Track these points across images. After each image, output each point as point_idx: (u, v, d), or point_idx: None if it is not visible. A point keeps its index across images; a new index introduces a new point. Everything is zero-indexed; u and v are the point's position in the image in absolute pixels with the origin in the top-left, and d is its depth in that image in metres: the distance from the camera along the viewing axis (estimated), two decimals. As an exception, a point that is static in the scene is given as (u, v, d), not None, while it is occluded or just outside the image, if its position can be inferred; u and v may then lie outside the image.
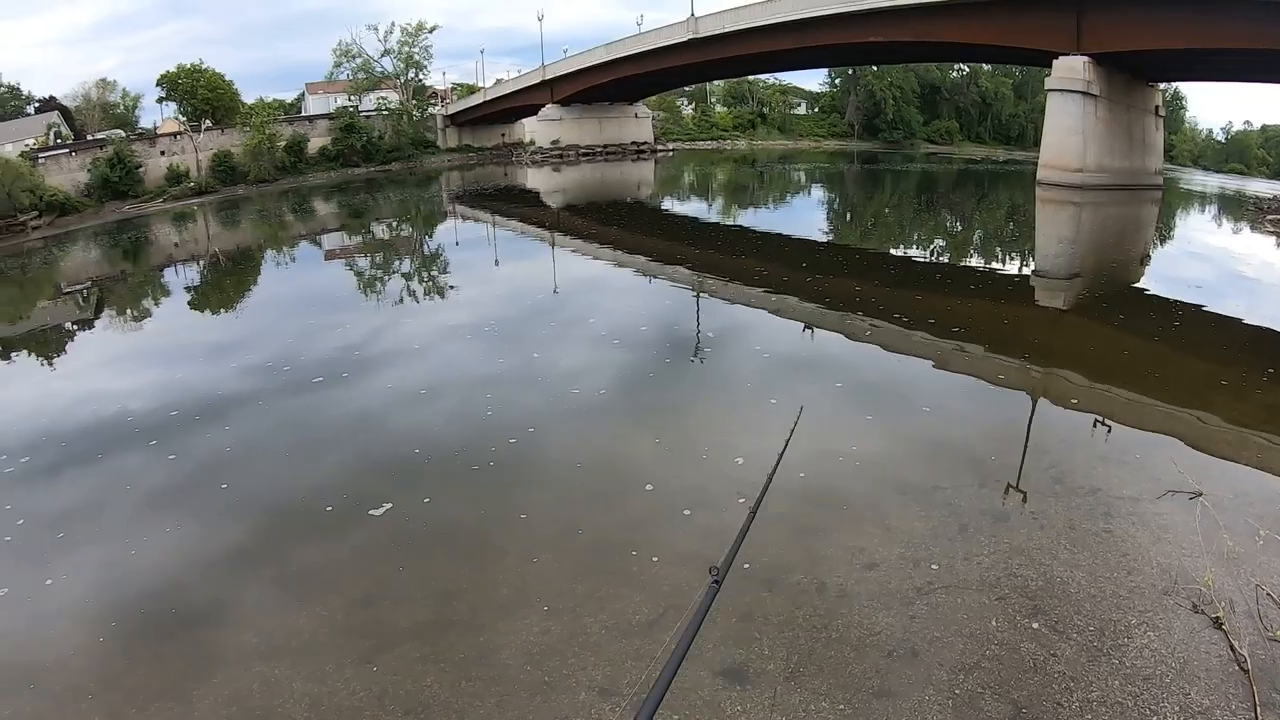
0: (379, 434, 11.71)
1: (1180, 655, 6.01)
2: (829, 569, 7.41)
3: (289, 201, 55.68)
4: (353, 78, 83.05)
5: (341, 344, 16.44)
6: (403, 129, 79.77)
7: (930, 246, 31.15)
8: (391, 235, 38.07)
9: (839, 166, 76.40)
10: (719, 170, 72.63)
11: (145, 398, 13.79)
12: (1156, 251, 29.01)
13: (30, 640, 7.22)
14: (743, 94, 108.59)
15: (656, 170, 70.72)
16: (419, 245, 34.47)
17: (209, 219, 50.62)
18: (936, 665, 6.02)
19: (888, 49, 58.02)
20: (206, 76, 79.12)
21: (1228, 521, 7.88)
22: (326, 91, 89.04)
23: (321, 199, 56.82)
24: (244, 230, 46.38)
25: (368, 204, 53.08)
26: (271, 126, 70.71)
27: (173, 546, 8.77)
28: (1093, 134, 41.20)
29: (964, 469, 9.62)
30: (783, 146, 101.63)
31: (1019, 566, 7.28)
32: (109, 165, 59.02)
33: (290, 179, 68.84)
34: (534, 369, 14.29)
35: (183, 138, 67.65)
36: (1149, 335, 16.15)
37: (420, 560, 8.20)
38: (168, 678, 6.53)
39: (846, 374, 13.71)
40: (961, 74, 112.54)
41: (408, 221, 43.45)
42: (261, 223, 47.82)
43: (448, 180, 67.15)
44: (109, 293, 28.14)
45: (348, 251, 33.87)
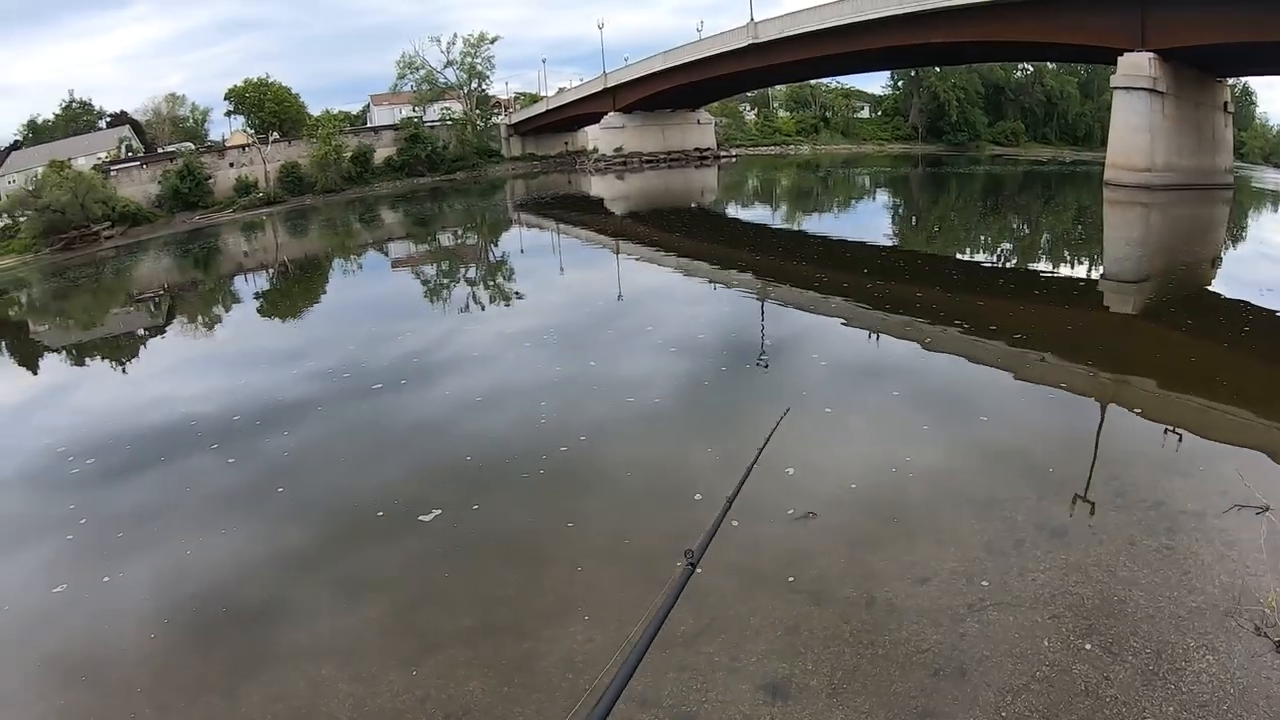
0: (433, 441, 11.83)
1: (1240, 681, 5.78)
2: (879, 583, 7.28)
3: (355, 211, 56.54)
4: (416, 89, 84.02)
5: (403, 351, 16.63)
6: (466, 139, 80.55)
7: (995, 251, 30.74)
8: (456, 243, 38.47)
9: (903, 170, 75.64)
10: (782, 175, 72.33)
11: (209, 403, 14.08)
12: (1228, 253, 28.28)
13: (86, 635, 7.45)
14: (805, 98, 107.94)
15: (719, 176, 70.65)
16: (483, 253, 34.80)
17: (277, 228, 51.56)
18: (984, 686, 5.87)
19: (950, 50, 57.29)
20: (273, 90, 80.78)
21: (1296, 539, 7.58)
22: (391, 103, 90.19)
23: (387, 208, 57.61)
24: (311, 239, 47.13)
25: (433, 213, 53.68)
26: (337, 138, 71.98)
27: (227, 548, 8.96)
28: (1160, 132, 40.28)
29: (1022, 480, 9.42)
30: (846, 150, 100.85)
31: (1075, 584, 7.08)
32: (179, 177, 60.61)
33: (356, 189, 69.91)
34: (591, 377, 14.31)
35: (251, 150, 69.08)
36: (1219, 341, 15.72)
37: (467, 566, 8.24)
38: (216, 674, 6.70)
39: (904, 382, 13.52)
40: (1026, 74, 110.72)
41: (472, 230, 43.87)
42: (328, 232, 48.57)
43: (511, 189, 67.69)
44: (179, 300, 28.78)
45: (413, 260, 34.29)
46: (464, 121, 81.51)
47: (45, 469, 12.01)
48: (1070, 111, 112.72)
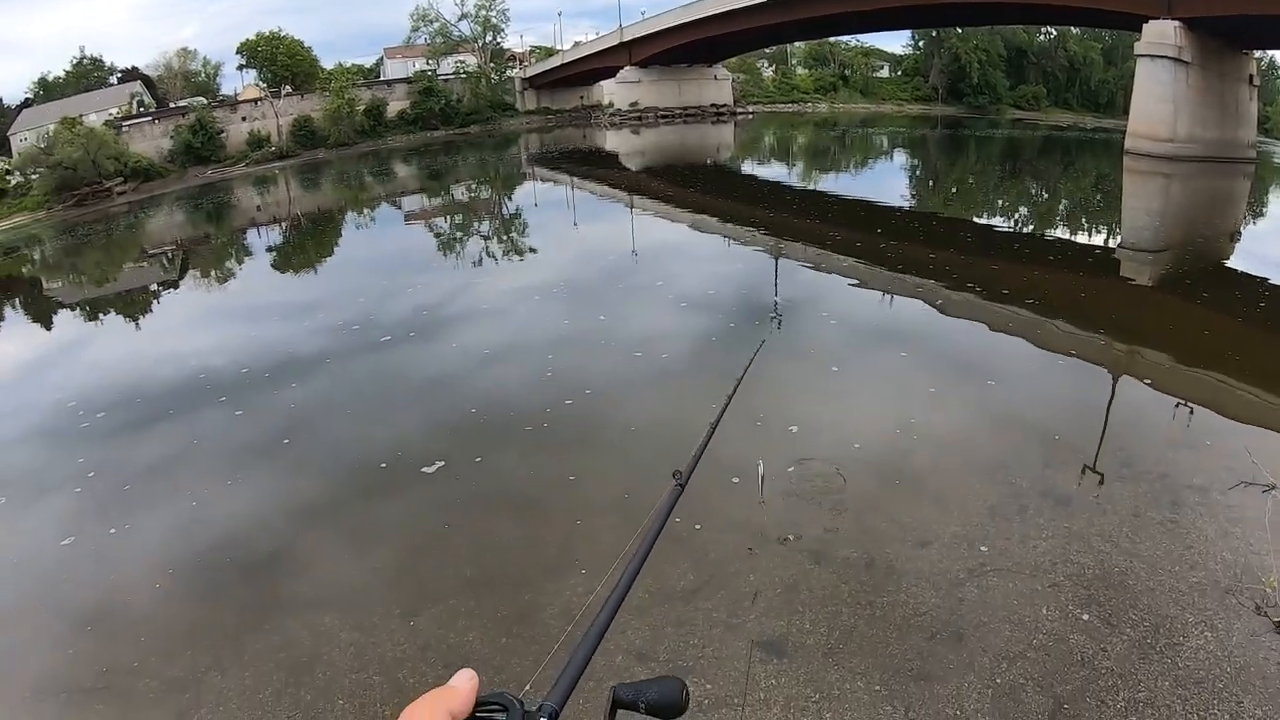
0: (439, 393, 11.84)
1: (1238, 660, 5.74)
2: (879, 544, 7.27)
3: (368, 164, 56.30)
4: (430, 42, 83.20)
5: (413, 305, 16.64)
6: (481, 92, 79.85)
7: (1012, 215, 30.50)
8: (469, 197, 38.28)
9: (921, 131, 74.93)
10: (799, 133, 71.75)
11: (219, 356, 14.13)
12: (1247, 229, 27.99)
13: (93, 586, 7.50)
14: (824, 56, 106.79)
15: (736, 133, 70.11)
16: (496, 207, 34.66)
17: (290, 182, 51.41)
18: (980, 651, 5.86)
19: (972, 9, 56.67)
20: (285, 44, 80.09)
21: (1301, 519, 7.53)
22: (404, 56, 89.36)
23: (400, 162, 57.39)
24: (324, 193, 47.04)
25: (446, 166, 53.45)
26: (350, 91, 71.48)
27: (233, 499, 9.01)
28: (1183, 102, 39.78)
29: (1028, 447, 9.38)
30: (864, 110, 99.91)
31: (1076, 553, 7.05)
32: (191, 132, 60.46)
33: (369, 142, 69.56)
34: (600, 332, 14.28)
35: (263, 104, 68.69)
36: (1234, 315, 15.56)
37: (468, 518, 8.27)
38: (221, 623, 6.76)
39: (914, 343, 13.43)
40: (1049, 37, 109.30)
41: (486, 184, 43.65)
42: (341, 186, 48.45)
43: (526, 143, 67.30)
44: (192, 255, 28.76)
45: (426, 214, 34.18)
46: (478, 75, 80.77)
47: (56, 423, 12.07)
48: (1093, 78, 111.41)
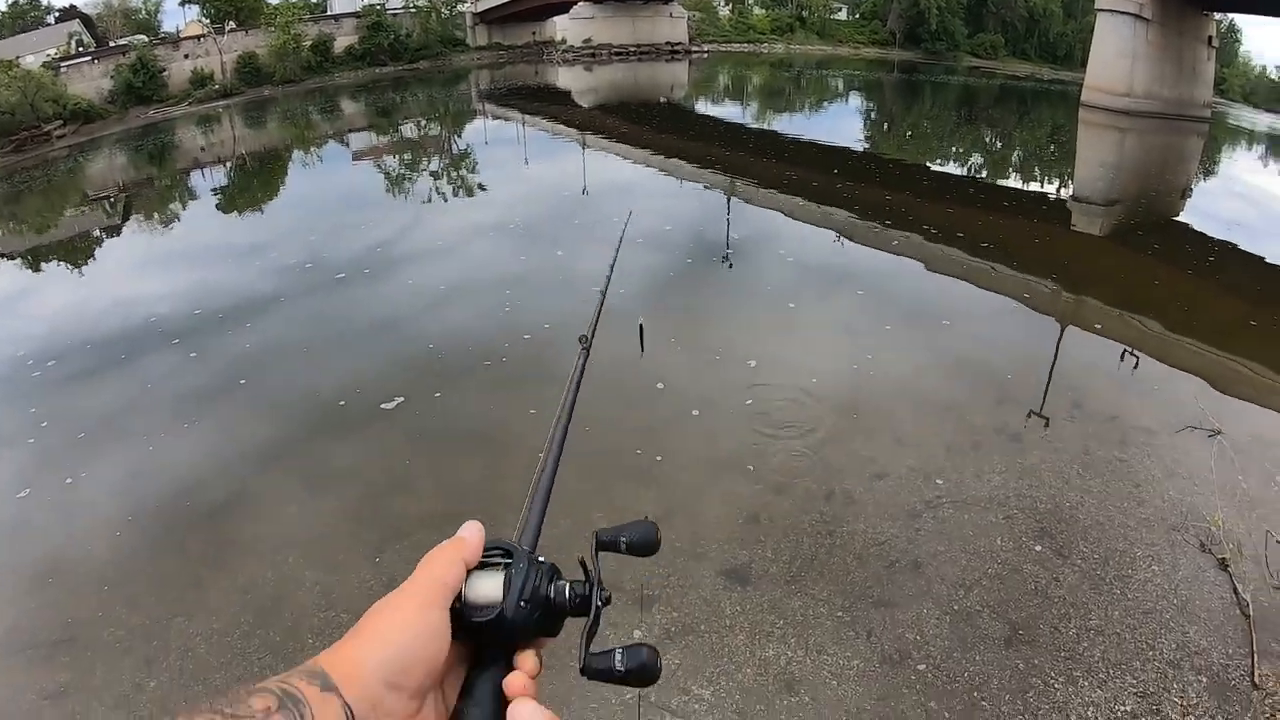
0: (396, 330, 11.70)
1: (1183, 593, 5.97)
2: (838, 477, 7.38)
3: (315, 102, 55.00)
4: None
5: (365, 243, 16.34)
6: (431, 27, 78.02)
7: (967, 162, 30.64)
8: (419, 135, 37.56)
9: (877, 75, 74.71)
10: (754, 74, 71.19)
11: (170, 300, 13.77)
12: (1198, 185, 28.40)
13: (52, 536, 7.33)
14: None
15: (690, 72, 69.44)
16: (447, 144, 34.06)
17: (234, 121, 50.15)
18: (937, 579, 6.01)
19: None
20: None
21: (1244, 463, 7.76)
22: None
23: (348, 98, 56.17)
24: (270, 132, 45.96)
25: (395, 103, 52.40)
26: (296, 26, 69.20)
27: (190, 443, 8.85)
28: (1142, 59, 40.10)
29: (982, 387, 9.56)
30: (820, 52, 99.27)
31: (1029, 488, 7.23)
32: (132, 71, 58.24)
33: (316, 79, 67.80)
34: (555, 268, 14.16)
35: (206, 40, 66.47)
36: (1183, 268, 15.86)
37: (430, 453, 8.24)
38: (185, 568, 6.68)
39: (870, 282, 13.54)
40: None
41: (435, 121, 42.84)
42: (288, 124, 47.35)
43: (477, 79, 66.15)
44: (136, 199, 28.00)
45: (375, 151, 33.48)
46: (428, 9, 78.80)
47: (5, 374, 11.68)
48: (1052, 30, 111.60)
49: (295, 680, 0.77)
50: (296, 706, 0.73)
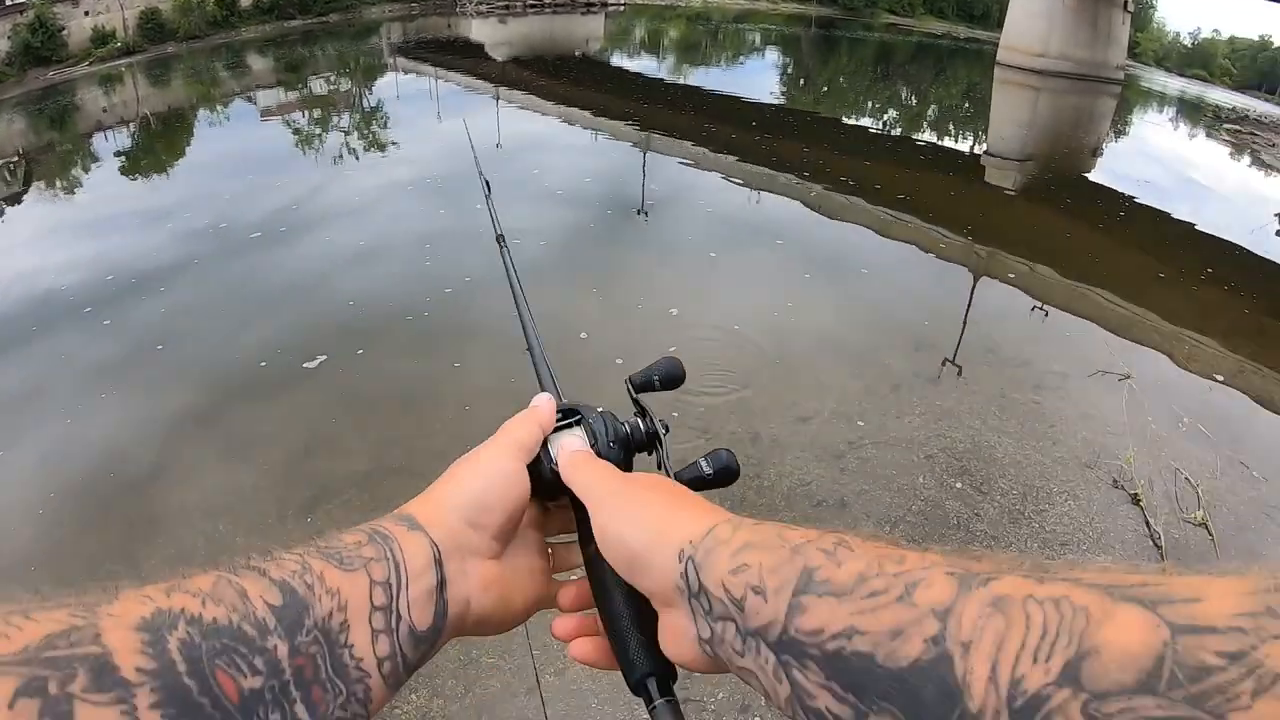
0: (315, 288, 11.40)
1: (1098, 526, 6.19)
2: (763, 420, 7.45)
3: (222, 58, 53.27)
4: (289, -77, 78.92)
5: (279, 203, 15.86)
6: (342, -23, 76.42)
7: (883, 117, 30.96)
8: (329, 90, 36.71)
9: (795, 30, 74.97)
10: (671, 27, 70.84)
11: (80, 268, 13.19)
12: (1110, 145, 29.12)
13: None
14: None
15: (607, 25, 68.86)
16: (358, 100, 33.40)
17: (138, 80, 48.39)
18: (863, 516, 6.12)
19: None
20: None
21: (1153, 406, 8.05)
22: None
23: (256, 54, 54.51)
24: (176, 90, 44.40)
25: (304, 58, 51.03)
26: (202, -22, 67.28)
27: (109, 413, 8.54)
28: (1058, 20, 40.78)
29: (899, 333, 9.71)
30: (739, 6, 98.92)
31: (948, 429, 7.39)
32: (30, 30, 55.76)
33: (223, 34, 65.51)
34: (474, 223, 13.89)
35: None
36: (1094, 224, 16.24)
37: (355, 411, 8.09)
38: (113, 541, 6.44)
39: (788, 234, 13.62)
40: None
41: (346, 75, 41.91)
42: (193, 81, 45.80)
43: (388, 31, 64.75)
44: (37, 165, 27.00)
45: (284, 108, 32.56)
46: (339, -41, 77.30)
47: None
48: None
49: (384, 522, 0.83)
50: (385, 541, 0.79)
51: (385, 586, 0.76)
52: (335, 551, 0.77)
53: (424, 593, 0.78)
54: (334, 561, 0.76)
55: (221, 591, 0.65)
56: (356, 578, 0.75)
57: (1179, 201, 19.45)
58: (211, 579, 0.67)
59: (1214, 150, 32.50)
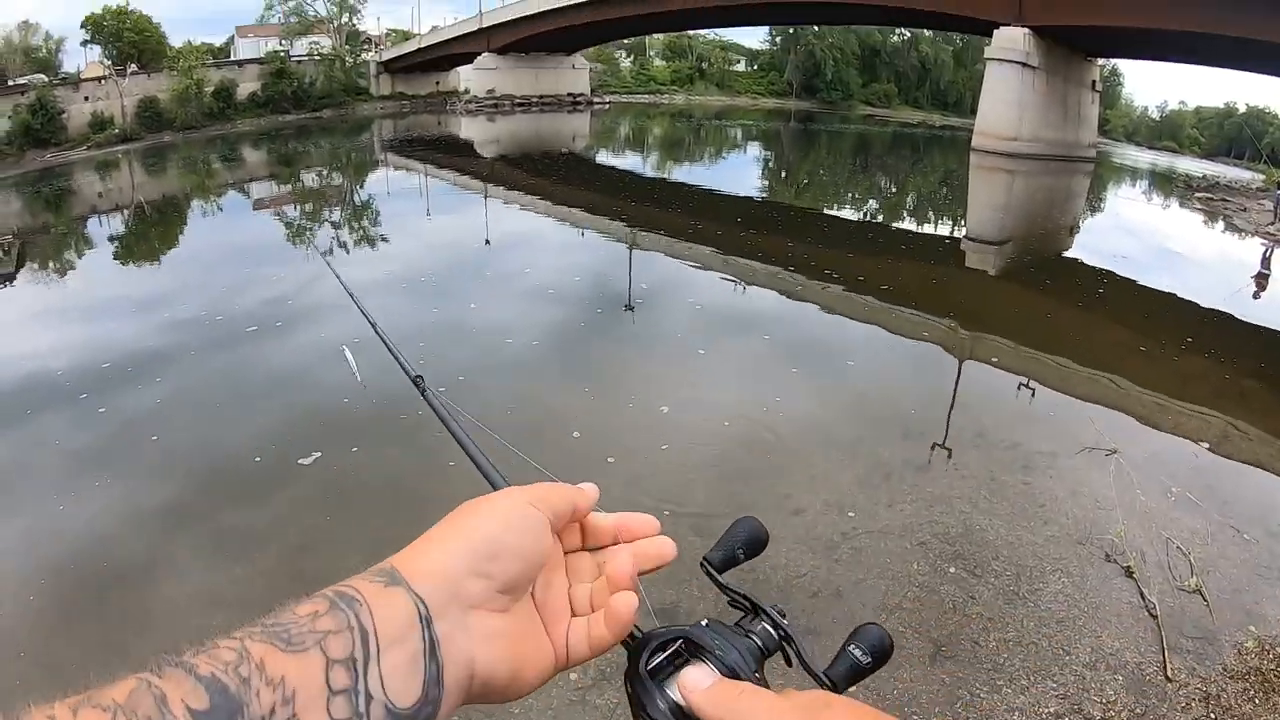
0: (309, 384, 11.50)
1: (1093, 600, 6.23)
2: (755, 514, 7.37)
3: (217, 149, 54.25)
4: (285, 22, 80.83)
5: (271, 296, 16.08)
6: (335, 75, 77.94)
7: (863, 207, 31.48)
8: (322, 184, 37.27)
9: (775, 125, 76.46)
10: (655, 124, 72.27)
11: (75, 352, 13.31)
12: (1086, 222, 29.66)
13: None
14: (682, 48, 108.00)
15: (592, 123, 70.24)
16: (350, 195, 33.86)
17: (134, 167, 49.21)
18: (860, 605, 6.15)
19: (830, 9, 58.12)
20: (133, 19, 76.43)
21: (1141, 479, 8.14)
22: (257, 35, 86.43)
23: (251, 146, 55.53)
24: (171, 179, 45.14)
25: (298, 152, 51.97)
26: (199, 71, 68.41)
27: (104, 502, 8.55)
28: (1029, 104, 41.79)
29: (888, 422, 9.80)
30: (720, 103, 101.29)
31: (940, 514, 7.45)
32: (30, 112, 56.73)
33: (219, 126, 67.00)
34: (466, 320, 14.13)
35: (107, 83, 65.29)
36: (1074, 301, 16.53)
37: (351, 508, 8.11)
38: (105, 631, 6.38)
39: (775, 328, 13.82)
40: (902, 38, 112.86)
41: (338, 170, 42.60)
42: (189, 171, 46.56)
43: (380, 128, 66.00)
44: (31, 246, 27.32)
45: (277, 201, 33.09)
46: (333, 57, 78.80)
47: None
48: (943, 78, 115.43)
49: (354, 581, 0.73)
50: (349, 607, 0.68)
51: (348, 664, 0.64)
52: (283, 629, 0.66)
53: (406, 661, 0.66)
54: (279, 643, 0.64)
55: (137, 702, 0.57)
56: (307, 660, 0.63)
57: (1157, 272, 19.81)
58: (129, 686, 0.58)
59: (1187, 219, 33.24)
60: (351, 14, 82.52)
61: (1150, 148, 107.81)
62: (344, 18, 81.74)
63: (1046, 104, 43.04)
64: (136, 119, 63.27)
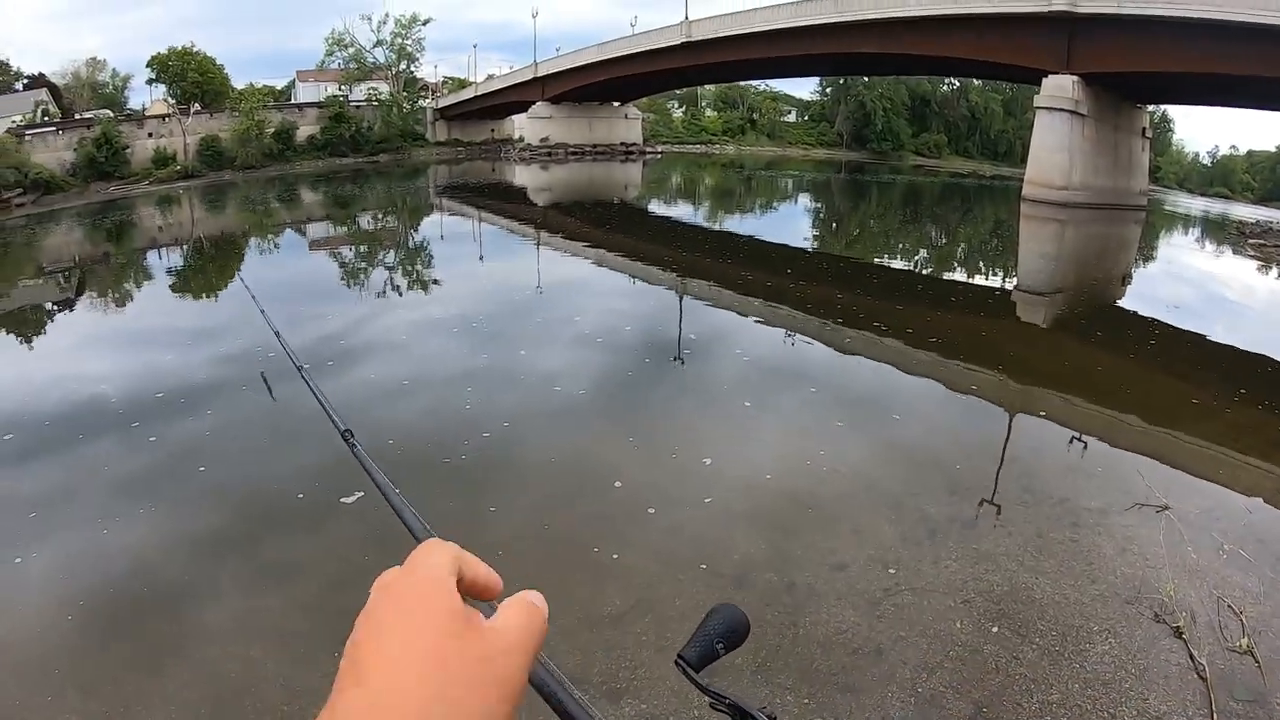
0: (356, 423, 11.47)
1: (1140, 662, 6.11)
2: (798, 569, 7.46)
3: (275, 189, 55.43)
4: (344, 67, 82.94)
5: (324, 334, 16.36)
6: (392, 120, 79.72)
7: (913, 258, 31.33)
8: (377, 227, 37.92)
9: (825, 175, 76.61)
10: (706, 174, 72.72)
11: (130, 380, 13.66)
12: (1138, 271, 29.34)
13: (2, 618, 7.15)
14: (733, 99, 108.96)
15: (644, 172, 70.84)
16: (404, 238, 34.38)
17: (194, 203, 50.39)
18: (900, 664, 6.09)
19: (879, 60, 58.36)
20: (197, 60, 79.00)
21: (1192, 535, 8.00)
22: (317, 80, 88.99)
23: (308, 187, 56.62)
24: (229, 216, 46.17)
25: (354, 194, 52.91)
26: (260, 113, 70.47)
27: (147, 527, 8.72)
28: (1079, 152, 41.55)
29: (935, 476, 9.71)
30: (771, 153, 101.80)
31: (985, 572, 7.36)
32: (96, 145, 58.82)
33: (277, 166, 68.67)
34: (515, 366, 14.24)
35: (171, 120, 67.40)
36: (1125, 353, 16.34)
37: (392, 549, 8.11)
38: (142, 654, 6.48)
39: (822, 380, 13.78)
40: (952, 88, 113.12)
41: (393, 214, 43.29)
42: (247, 209, 47.60)
43: (435, 174, 67.00)
44: (91, 274, 27.97)
45: (332, 241, 33.78)
46: (390, 103, 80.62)
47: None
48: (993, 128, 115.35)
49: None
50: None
51: None
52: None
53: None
54: None
55: None
56: None
57: (1209, 322, 19.58)
58: None
59: (1241, 266, 32.71)
60: (409, 61, 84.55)
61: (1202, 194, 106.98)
62: (402, 65, 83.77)
63: (1097, 152, 42.81)
64: (198, 156, 65.25)
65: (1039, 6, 39.85)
